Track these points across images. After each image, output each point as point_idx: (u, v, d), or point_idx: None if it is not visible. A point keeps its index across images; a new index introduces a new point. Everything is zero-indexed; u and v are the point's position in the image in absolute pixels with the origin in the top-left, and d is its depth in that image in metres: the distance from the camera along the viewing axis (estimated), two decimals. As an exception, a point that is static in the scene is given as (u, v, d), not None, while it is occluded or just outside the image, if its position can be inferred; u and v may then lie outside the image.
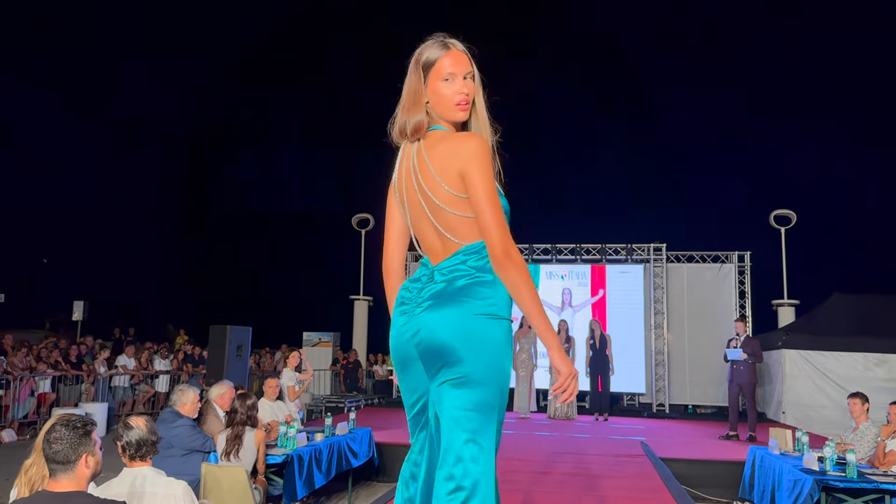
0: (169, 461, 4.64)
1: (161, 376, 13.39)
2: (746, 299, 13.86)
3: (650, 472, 6.26)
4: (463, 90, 2.08)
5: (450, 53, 2.08)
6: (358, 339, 15.93)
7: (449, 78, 2.09)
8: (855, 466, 4.96)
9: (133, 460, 3.41)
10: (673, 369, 13.85)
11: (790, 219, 14.37)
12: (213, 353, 8.80)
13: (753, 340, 9.45)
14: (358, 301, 15.98)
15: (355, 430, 7.10)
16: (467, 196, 2.00)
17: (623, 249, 14.29)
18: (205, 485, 4.78)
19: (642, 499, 5.08)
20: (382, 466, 7.77)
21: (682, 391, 13.86)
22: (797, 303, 14.14)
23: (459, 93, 2.08)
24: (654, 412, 13.25)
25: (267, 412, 6.64)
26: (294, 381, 7.83)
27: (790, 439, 6.19)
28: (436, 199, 2.05)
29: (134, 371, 12.73)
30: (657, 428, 10.63)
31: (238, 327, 8.86)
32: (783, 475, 5.37)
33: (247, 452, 5.08)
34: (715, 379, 13.34)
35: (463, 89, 2.09)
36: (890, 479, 4.92)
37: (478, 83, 2.14)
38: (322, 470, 5.99)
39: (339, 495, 7.18)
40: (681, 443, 8.82)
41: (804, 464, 5.29)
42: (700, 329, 13.78)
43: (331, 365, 15.64)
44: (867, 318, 11.72)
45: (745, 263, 13.98)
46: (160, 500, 3.37)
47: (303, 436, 5.96)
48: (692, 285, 14.09)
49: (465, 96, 2.09)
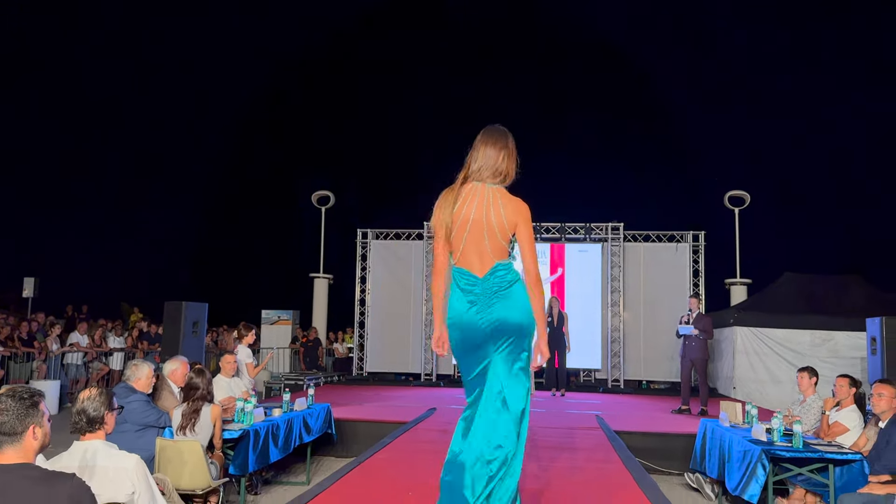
0: (123, 437, 4.56)
1: (115, 354, 13.15)
2: (700, 278, 14.17)
3: (605, 445, 6.39)
4: None
5: (506, 144, 3.22)
6: (318, 317, 15.85)
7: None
8: (801, 437, 5.13)
9: (83, 433, 3.35)
10: (628, 346, 14.13)
11: (744, 200, 14.70)
12: (168, 329, 8.65)
13: (705, 317, 9.66)
14: (318, 279, 15.88)
15: (314, 405, 7.08)
16: (514, 236, 3.11)
17: (582, 228, 14.45)
18: (160, 460, 4.73)
19: (597, 470, 5.18)
20: (341, 442, 7.79)
21: (637, 367, 14.15)
22: (749, 282, 14.51)
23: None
24: (609, 388, 13.52)
25: (224, 389, 6.58)
26: (251, 357, 7.77)
27: (740, 412, 6.36)
28: (498, 230, 3.06)
29: (87, 348, 12.47)
30: (612, 403, 10.85)
31: (194, 303, 8.72)
32: (733, 446, 5.53)
33: (203, 427, 5.04)
34: (668, 355, 13.65)
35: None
36: (834, 448, 5.10)
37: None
38: (279, 445, 5.98)
39: (298, 469, 7.18)
40: (635, 417, 9.01)
41: (753, 435, 5.45)
42: (655, 307, 14.06)
43: (290, 343, 15.55)
44: (816, 297, 12.09)
45: (700, 243, 14.28)
46: (112, 473, 3.32)
47: (260, 411, 5.93)
48: (648, 264, 14.35)
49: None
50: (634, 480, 4.71)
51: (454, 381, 14.18)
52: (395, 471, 4.89)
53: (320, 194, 16.02)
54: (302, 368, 14.67)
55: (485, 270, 3.06)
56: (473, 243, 3.06)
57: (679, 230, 14.45)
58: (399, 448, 5.94)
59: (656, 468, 7.16)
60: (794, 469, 5.14)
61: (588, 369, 14.40)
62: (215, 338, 15.67)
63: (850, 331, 10.92)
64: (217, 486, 4.92)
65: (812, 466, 5.10)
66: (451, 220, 3.08)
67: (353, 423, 7.95)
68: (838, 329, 11.17)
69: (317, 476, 6.83)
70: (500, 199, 3.09)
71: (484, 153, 3.15)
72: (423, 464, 5.21)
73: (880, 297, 11.83)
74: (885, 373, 7.58)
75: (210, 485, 4.79)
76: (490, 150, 3.15)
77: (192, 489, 4.72)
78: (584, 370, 14.44)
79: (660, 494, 4.30)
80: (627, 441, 6.76)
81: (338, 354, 16.05)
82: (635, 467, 5.20)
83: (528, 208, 3.14)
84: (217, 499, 5.00)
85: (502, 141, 3.18)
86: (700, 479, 6.63)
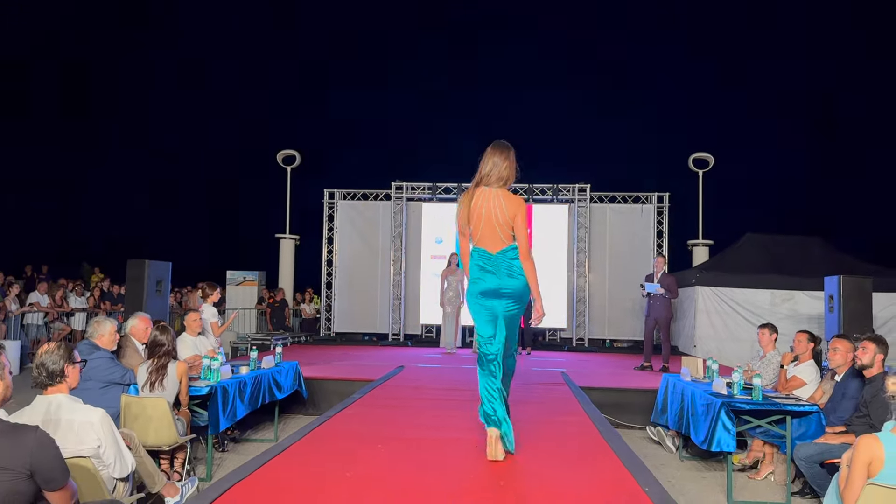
0: (87, 394, 4.49)
1: (77, 314, 12.93)
2: (664, 239, 14.37)
3: (570, 398, 6.51)
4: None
5: (509, 156, 4.21)
6: (284, 278, 15.75)
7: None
8: (760, 390, 5.27)
9: (45, 388, 3.30)
10: (593, 306, 14.33)
11: (708, 162, 14.86)
12: (131, 288, 8.51)
13: (669, 277, 9.80)
14: (284, 240, 15.74)
15: (281, 363, 7.07)
16: (513, 225, 4.09)
17: (549, 189, 14.50)
18: (125, 416, 4.69)
19: (562, 422, 5.28)
20: (311, 400, 7.81)
21: (601, 327, 14.38)
22: (711, 243, 14.76)
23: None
24: (573, 346, 13.73)
25: (189, 347, 6.52)
26: (216, 316, 7.70)
27: (701, 367, 6.50)
28: (503, 221, 4.07)
29: (48, 308, 12.24)
30: (577, 361, 11.03)
31: (157, 262, 8.57)
32: (696, 400, 5.67)
33: (170, 384, 5.00)
34: (632, 315, 13.90)
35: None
36: (791, 401, 5.26)
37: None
38: (246, 402, 5.97)
39: (266, 427, 7.19)
40: (598, 374, 9.18)
41: (714, 389, 5.59)
42: (619, 267, 14.26)
43: (256, 304, 15.45)
44: (777, 257, 12.35)
45: (664, 204, 14.45)
46: (77, 427, 3.29)
47: (227, 368, 5.89)
48: (614, 225, 14.50)
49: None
50: (599, 432, 4.81)
51: (422, 340, 14.26)
52: (363, 425, 4.92)
53: (286, 153, 15.78)
54: (269, 329, 14.61)
55: (496, 249, 4.12)
56: (488, 230, 4.10)
57: (644, 192, 14.58)
58: (368, 403, 5.97)
59: (619, 422, 7.32)
60: (753, 421, 5.29)
61: (553, 328, 14.60)
62: (179, 299, 15.49)
63: (809, 290, 11.21)
64: (184, 443, 4.91)
65: (770, 419, 5.25)
66: (469, 215, 4.12)
67: (322, 381, 7.96)
68: (798, 289, 11.45)
69: (285, 434, 6.84)
70: (502, 198, 4.09)
71: (493, 162, 4.13)
72: (391, 418, 5.25)
73: (838, 258, 12.14)
74: (841, 329, 7.81)
75: (177, 441, 4.77)
76: (497, 159, 4.14)
77: (159, 445, 4.70)
78: (549, 329, 14.64)
79: (623, 444, 4.41)
80: (591, 396, 6.89)
81: (305, 315, 16.00)
82: (600, 420, 5.30)
83: (524, 203, 4.20)
84: (184, 455, 4.99)
85: (506, 153, 4.17)
86: (661, 432, 6.80)
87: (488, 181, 4.12)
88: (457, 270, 11.58)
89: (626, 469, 3.78)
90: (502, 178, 4.12)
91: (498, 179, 4.11)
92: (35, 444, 2.61)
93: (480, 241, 4.15)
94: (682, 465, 6.12)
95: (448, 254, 12.13)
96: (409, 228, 14.76)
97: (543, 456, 4.15)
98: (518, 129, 20.76)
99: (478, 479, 3.57)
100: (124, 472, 3.47)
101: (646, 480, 3.53)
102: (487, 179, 4.12)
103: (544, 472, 3.76)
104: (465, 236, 4.26)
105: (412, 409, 5.78)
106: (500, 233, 4.08)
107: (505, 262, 4.12)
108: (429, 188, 14.70)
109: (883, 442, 2.93)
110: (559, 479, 3.61)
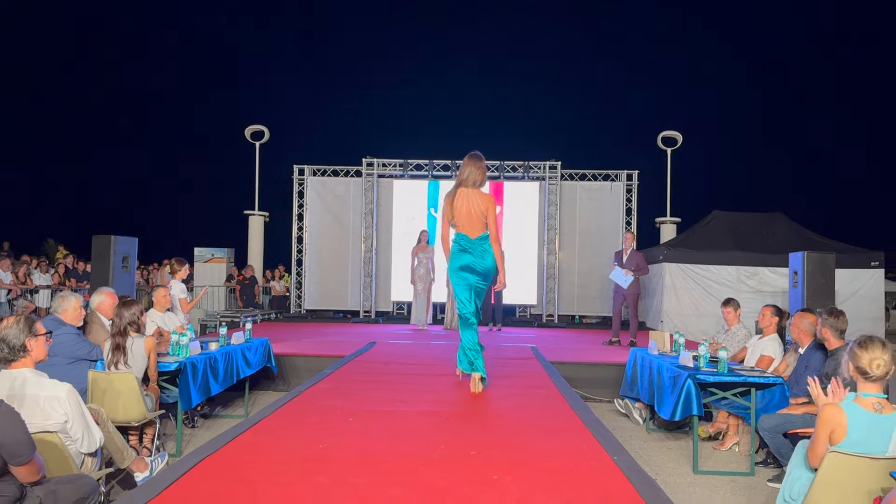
0: (53, 370, 4.41)
1: (42, 291, 12.69)
2: (633, 216, 14.51)
3: (540, 373, 6.57)
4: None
5: (481, 165, 5.53)
6: (254, 255, 15.59)
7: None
8: (726, 363, 5.38)
9: (8, 363, 3.24)
10: (562, 283, 14.45)
11: (676, 140, 14.99)
12: (96, 264, 8.34)
13: (638, 254, 9.91)
14: (253, 216, 15.56)
15: (251, 339, 7.02)
16: (486, 216, 5.44)
17: (520, 167, 14.52)
18: (92, 391, 4.63)
19: (532, 396, 5.34)
20: (281, 376, 7.79)
21: (571, 303, 14.52)
22: (678, 220, 14.94)
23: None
24: (543, 322, 13.85)
25: (158, 323, 6.43)
26: (184, 293, 7.61)
27: (668, 341, 6.61)
28: (478, 213, 5.40)
29: (11, 285, 11.99)
30: (546, 336, 11.14)
31: (123, 238, 8.41)
32: (663, 372, 5.76)
33: (137, 359, 4.92)
34: (600, 292, 14.05)
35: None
36: (756, 373, 5.37)
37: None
38: (218, 379, 5.92)
39: (237, 403, 7.16)
40: (568, 349, 9.28)
41: (681, 361, 5.69)
42: (589, 245, 14.39)
43: (225, 281, 15.29)
44: (743, 234, 12.56)
45: (633, 182, 14.57)
46: (42, 402, 3.24)
47: (196, 344, 5.84)
48: (583, 202, 14.59)
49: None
50: (569, 405, 4.87)
51: (393, 317, 14.27)
52: (334, 400, 4.92)
53: (254, 129, 15.55)
54: (239, 306, 14.49)
55: (474, 235, 5.45)
56: (467, 221, 5.42)
57: (614, 170, 14.68)
58: (339, 378, 5.97)
59: (587, 396, 7.44)
60: (718, 393, 5.40)
61: (524, 305, 14.71)
62: (146, 276, 15.27)
63: (773, 266, 11.43)
64: (153, 419, 4.86)
65: (735, 391, 5.37)
66: (454, 210, 5.42)
67: (292, 357, 7.94)
68: (763, 265, 11.67)
69: (255, 409, 6.82)
70: (478, 196, 5.45)
71: (469, 169, 5.48)
72: (363, 393, 5.26)
73: (802, 234, 12.39)
74: (805, 303, 7.97)
75: (146, 416, 4.73)
76: (472, 168, 5.49)
77: (128, 421, 4.65)
78: (519, 306, 14.75)
79: (592, 416, 4.47)
80: (561, 371, 6.96)
81: (275, 292, 15.90)
82: (571, 394, 5.37)
83: (494, 200, 5.57)
84: (153, 431, 4.95)
85: (479, 163, 5.52)
86: (629, 404, 6.91)
87: (466, 184, 5.47)
88: (427, 248, 11.57)
89: (595, 440, 3.84)
90: (477, 182, 5.48)
91: (473, 182, 5.47)
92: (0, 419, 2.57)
93: (462, 228, 5.44)
94: (649, 437, 6.24)
95: (419, 231, 12.10)
96: (380, 205, 14.69)
97: (515, 427, 4.20)
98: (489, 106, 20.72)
99: (449, 449, 3.60)
100: (92, 447, 3.43)
101: (615, 450, 3.59)
102: (466, 182, 5.47)
103: (515, 441, 3.81)
104: (446, 224, 5.52)
105: (384, 384, 5.79)
106: (477, 222, 5.42)
107: (479, 246, 5.44)
108: (400, 165, 14.62)
109: (846, 411, 3.01)
110: (530, 448, 3.66)
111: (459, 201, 5.39)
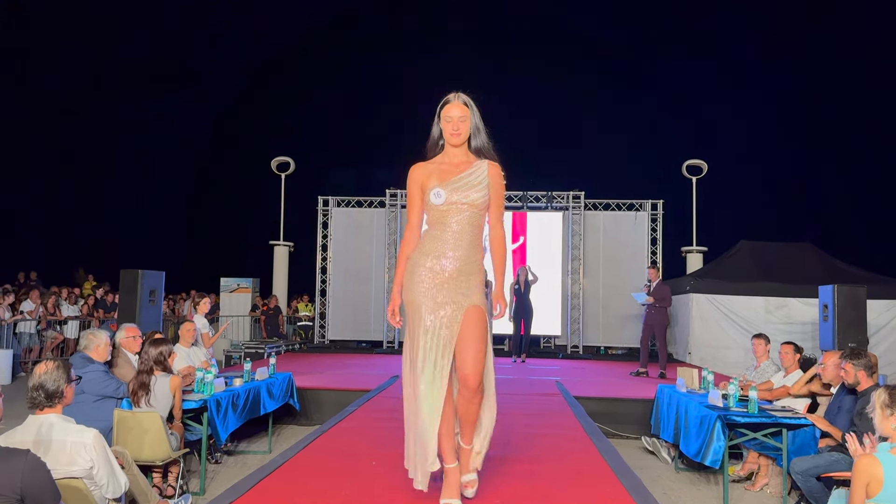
0: (80, 407, 4.47)
1: (70, 322, 12.86)
2: (658, 246, 14.40)
3: (565, 410, 6.49)
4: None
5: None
6: (278, 285, 15.69)
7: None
8: (756, 403, 5.27)
9: (41, 408, 3.26)
10: (587, 313, 14.34)
11: (701, 168, 14.89)
12: (124, 298, 8.46)
13: (664, 286, 9.83)
14: (278, 247, 15.68)
15: (275, 374, 7.04)
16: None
17: (543, 197, 14.52)
18: (118, 431, 4.65)
19: (557, 435, 5.26)
20: (304, 410, 7.77)
21: (596, 334, 14.39)
22: (705, 249, 14.79)
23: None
24: (568, 353, 13.72)
25: (183, 358, 6.48)
26: (207, 327, 7.66)
27: (696, 378, 6.51)
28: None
29: (32, 315, 12.15)
30: (571, 368, 11.02)
31: (150, 271, 8.53)
32: (690, 412, 5.66)
33: (162, 398, 4.95)
34: (626, 322, 13.90)
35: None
36: (788, 413, 5.26)
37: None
38: (241, 414, 5.94)
39: (259, 438, 7.15)
40: (594, 382, 9.17)
41: (709, 401, 5.58)
42: (614, 274, 14.28)
43: (250, 311, 15.39)
44: (770, 264, 12.38)
45: (658, 211, 14.49)
46: (69, 448, 3.25)
47: (220, 381, 5.86)
48: (608, 232, 14.53)
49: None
50: (594, 445, 4.79)
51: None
52: (357, 440, 4.89)
53: (280, 160, 15.74)
54: (263, 337, 14.56)
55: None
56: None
57: (638, 199, 14.61)
58: (361, 417, 5.95)
59: (614, 432, 7.31)
60: (748, 434, 5.28)
61: (548, 336, 14.60)
62: (172, 306, 15.42)
63: (802, 297, 11.23)
64: (177, 457, 4.87)
65: (766, 431, 5.25)
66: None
67: (316, 391, 7.93)
68: (791, 296, 11.48)
69: (278, 445, 6.81)
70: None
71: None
72: (385, 433, 5.22)
73: (831, 265, 12.17)
74: (835, 338, 7.82)
75: (170, 456, 4.73)
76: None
77: (153, 460, 4.66)
78: (543, 337, 14.64)
79: (619, 459, 4.39)
80: (586, 406, 6.87)
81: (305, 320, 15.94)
82: (595, 432, 5.29)
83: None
84: (178, 470, 4.95)
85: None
86: (657, 442, 6.79)
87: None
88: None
89: (622, 486, 3.76)
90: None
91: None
92: (26, 469, 2.58)
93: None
94: (678, 477, 6.11)
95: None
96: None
97: (538, 470, 4.13)
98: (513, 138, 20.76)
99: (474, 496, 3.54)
100: (117, 492, 3.44)
101: (642, 497, 3.51)
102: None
103: (539, 487, 3.74)
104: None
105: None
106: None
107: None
108: (423, 195, 14.65)
109: (882, 462, 2.92)
110: (554, 496, 3.59)
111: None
